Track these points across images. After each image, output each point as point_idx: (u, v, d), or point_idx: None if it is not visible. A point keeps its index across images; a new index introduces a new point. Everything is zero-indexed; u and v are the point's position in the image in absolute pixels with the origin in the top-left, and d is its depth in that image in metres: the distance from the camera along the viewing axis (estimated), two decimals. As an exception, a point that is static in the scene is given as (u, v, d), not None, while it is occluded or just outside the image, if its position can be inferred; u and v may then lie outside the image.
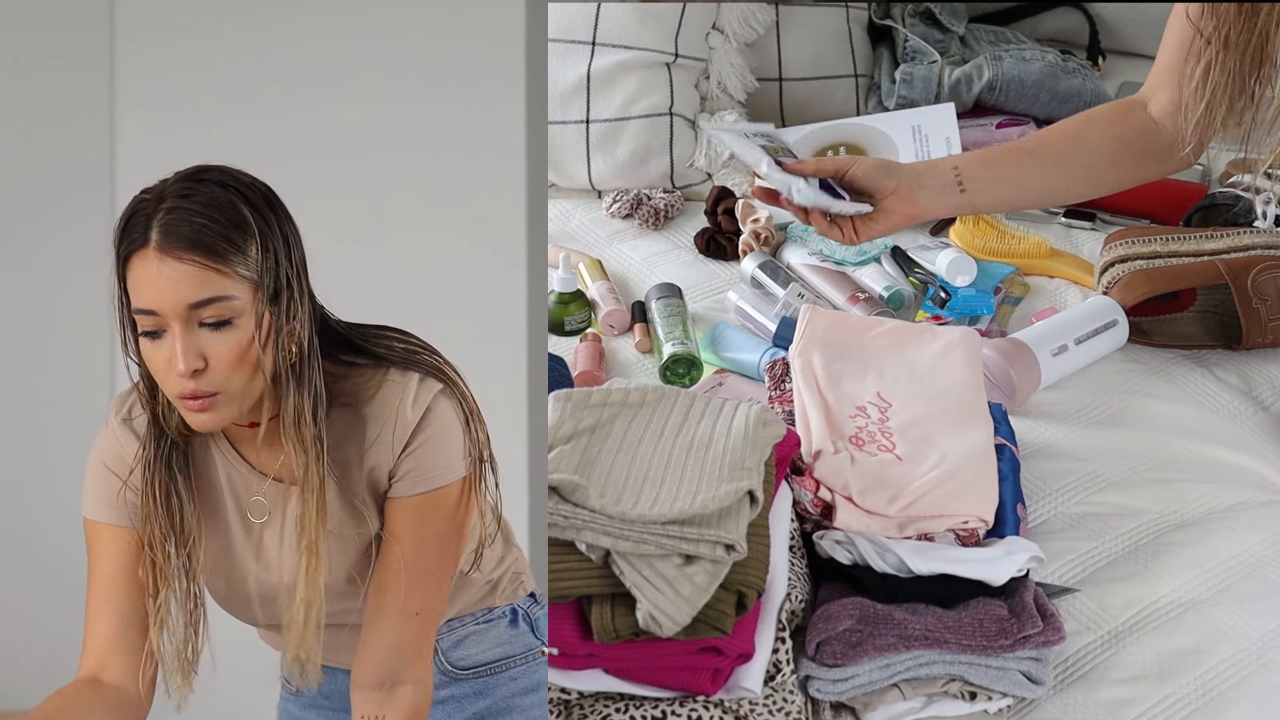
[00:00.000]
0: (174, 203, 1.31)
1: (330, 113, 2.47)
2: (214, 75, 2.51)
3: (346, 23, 2.52)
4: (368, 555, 1.43)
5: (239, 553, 1.45)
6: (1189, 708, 1.56)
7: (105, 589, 1.43)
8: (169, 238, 1.30)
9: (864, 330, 1.93)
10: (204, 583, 1.46)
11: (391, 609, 1.40)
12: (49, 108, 2.53)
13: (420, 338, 1.45)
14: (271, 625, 1.49)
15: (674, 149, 2.47)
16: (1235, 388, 2.02)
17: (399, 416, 1.39)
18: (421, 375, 1.40)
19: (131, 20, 2.53)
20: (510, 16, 2.50)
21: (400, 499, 1.41)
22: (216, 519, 1.45)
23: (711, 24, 2.51)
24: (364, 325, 1.44)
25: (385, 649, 1.40)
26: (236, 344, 1.32)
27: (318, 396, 1.37)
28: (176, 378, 1.32)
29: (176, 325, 1.31)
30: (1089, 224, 2.38)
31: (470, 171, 2.49)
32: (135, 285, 1.31)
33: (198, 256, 1.30)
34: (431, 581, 1.42)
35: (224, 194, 1.32)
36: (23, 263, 2.53)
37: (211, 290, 1.30)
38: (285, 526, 1.42)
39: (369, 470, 1.41)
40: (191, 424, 1.35)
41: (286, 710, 1.64)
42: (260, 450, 1.42)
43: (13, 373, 2.56)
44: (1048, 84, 2.54)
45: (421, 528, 1.41)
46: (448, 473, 1.41)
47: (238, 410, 1.36)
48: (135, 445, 1.42)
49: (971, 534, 1.67)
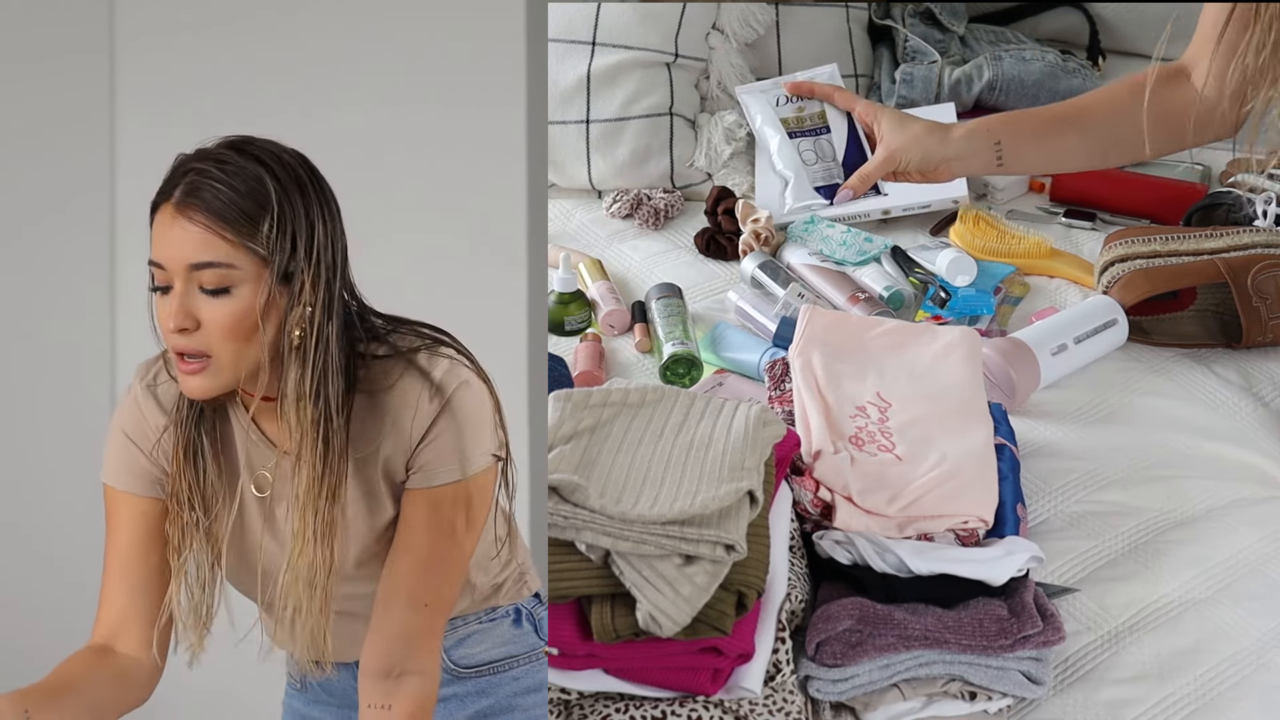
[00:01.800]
0: (206, 165, 1.33)
1: (330, 113, 2.47)
2: (214, 75, 2.51)
3: (346, 23, 2.52)
4: (381, 543, 1.43)
5: (251, 524, 1.46)
6: (1189, 708, 1.56)
7: (121, 558, 1.44)
8: (188, 197, 1.33)
9: (864, 330, 1.93)
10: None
11: (402, 599, 1.41)
12: (49, 108, 2.53)
13: (451, 334, 1.45)
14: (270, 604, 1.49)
15: (674, 149, 2.47)
16: (1235, 384, 2.02)
17: (419, 406, 1.39)
18: (445, 368, 1.40)
19: (131, 20, 2.53)
20: (510, 17, 2.50)
21: (417, 490, 1.41)
22: (234, 489, 1.45)
23: (711, 24, 2.51)
24: (397, 317, 1.45)
25: (393, 638, 1.41)
26: (231, 313, 1.33)
27: (324, 378, 1.37)
28: (169, 334, 1.34)
29: (178, 283, 1.33)
30: (1089, 224, 2.38)
31: (470, 171, 2.49)
32: (154, 238, 1.35)
33: (209, 221, 1.32)
34: (443, 574, 1.42)
35: (256, 168, 1.34)
36: (23, 262, 2.53)
37: (212, 254, 1.32)
38: (297, 509, 1.42)
39: (385, 458, 1.41)
40: (183, 388, 1.36)
41: (292, 707, 1.64)
42: (271, 422, 1.43)
43: (13, 373, 2.56)
44: (1048, 84, 2.54)
45: (437, 519, 1.41)
46: (465, 466, 1.41)
47: (230, 379, 1.36)
48: (157, 412, 1.43)
49: (971, 534, 1.67)
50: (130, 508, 1.44)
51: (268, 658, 1.51)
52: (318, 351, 1.37)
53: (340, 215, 1.40)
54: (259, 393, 1.40)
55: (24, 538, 2.62)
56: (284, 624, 1.44)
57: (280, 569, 1.44)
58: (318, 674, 1.50)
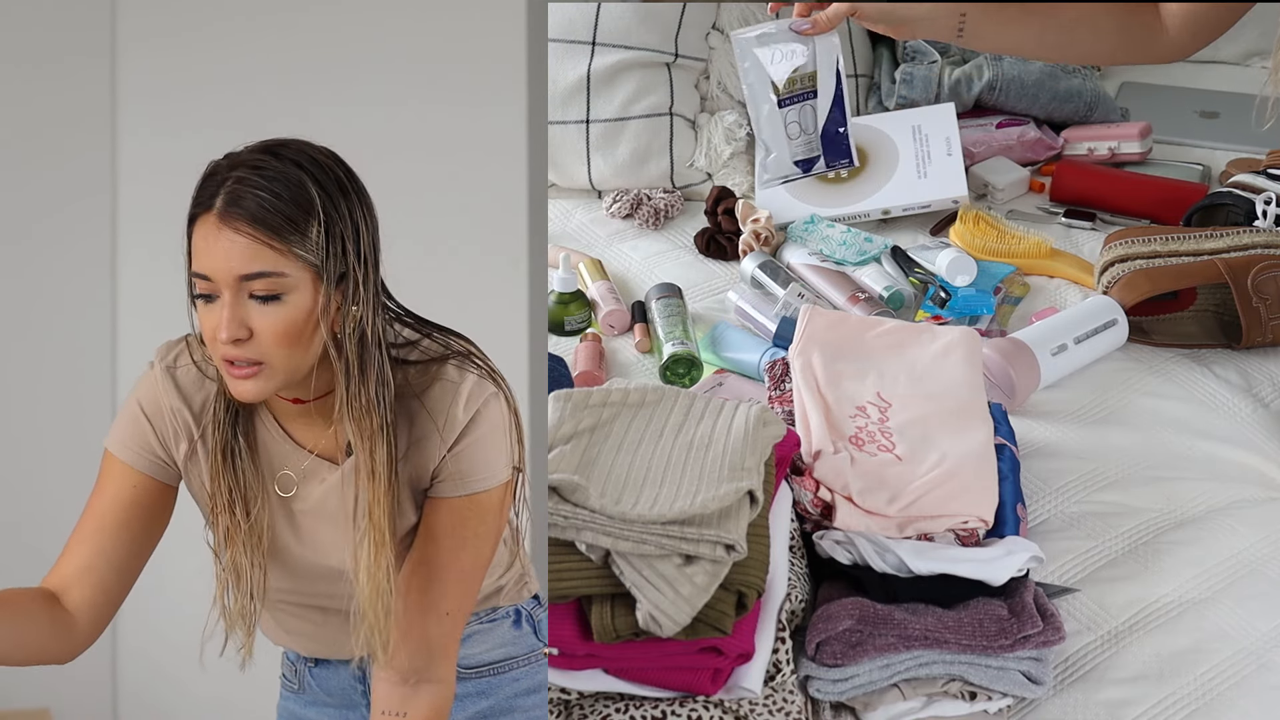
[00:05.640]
0: (244, 173, 1.31)
1: (330, 114, 2.47)
2: (215, 77, 2.51)
3: (346, 24, 2.52)
4: (400, 544, 1.43)
5: (279, 526, 1.45)
6: (1189, 708, 1.56)
7: (97, 519, 1.43)
8: (231, 208, 1.30)
9: (864, 330, 1.93)
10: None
11: (427, 607, 1.40)
12: (50, 110, 2.53)
13: (474, 342, 1.44)
14: (306, 604, 1.49)
15: (674, 149, 2.47)
16: (1235, 385, 2.02)
17: (450, 415, 1.39)
18: (477, 377, 1.40)
19: (133, 23, 2.53)
20: (511, 17, 2.49)
21: (442, 499, 1.41)
22: (269, 490, 1.45)
23: (711, 24, 2.51)
24: (424, 319, 1.44)
25: (415, 646, 1.40)
26: (285, 319, 1.32)
27: (383, 383, 1.36)
28: (220, 344, 1.33)
29: (227, 293, 1.32)
30: (1089, 224, 2.38)
31: (470, 171, 2.49)
32: (195, 249, 1.32)
33: (256, 231, 1.30)
34: (466, 582, 1.42)
35: (296, 172, 1.32)
36: (25, 265, 2.53)
37: (263, 265, 1.31)
38: (327, 504, 1.42)
39: (413, 465, 1.40)
40: (233, 391, 1.35)
41: (287, 709, 1.64)
42: (302, 425, 1.42)
43: (14, 374, 2.56)
44: (1048, 84, 2.54)
45: (462, 529, 1.41)
46: (491, 477, 1.40)
47: (282, 383, 1.35)
48: (174, 394, 1.42)
49: (971, 534, 1.67)
50: (124, 476, 1.43)
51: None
52: (373, 354, 1.36)
53: (375, 210, 1.39)
54: (292, 395, 1.40)
55: (24, 538, 2.62)
56: (350, 625, 1.42)
57: (318, 571, 1.44)
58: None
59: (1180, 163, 2.50)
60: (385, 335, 1.38)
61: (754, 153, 2.46)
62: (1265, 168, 2.27)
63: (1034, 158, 2.53)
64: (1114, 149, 2.50)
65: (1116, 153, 2.50)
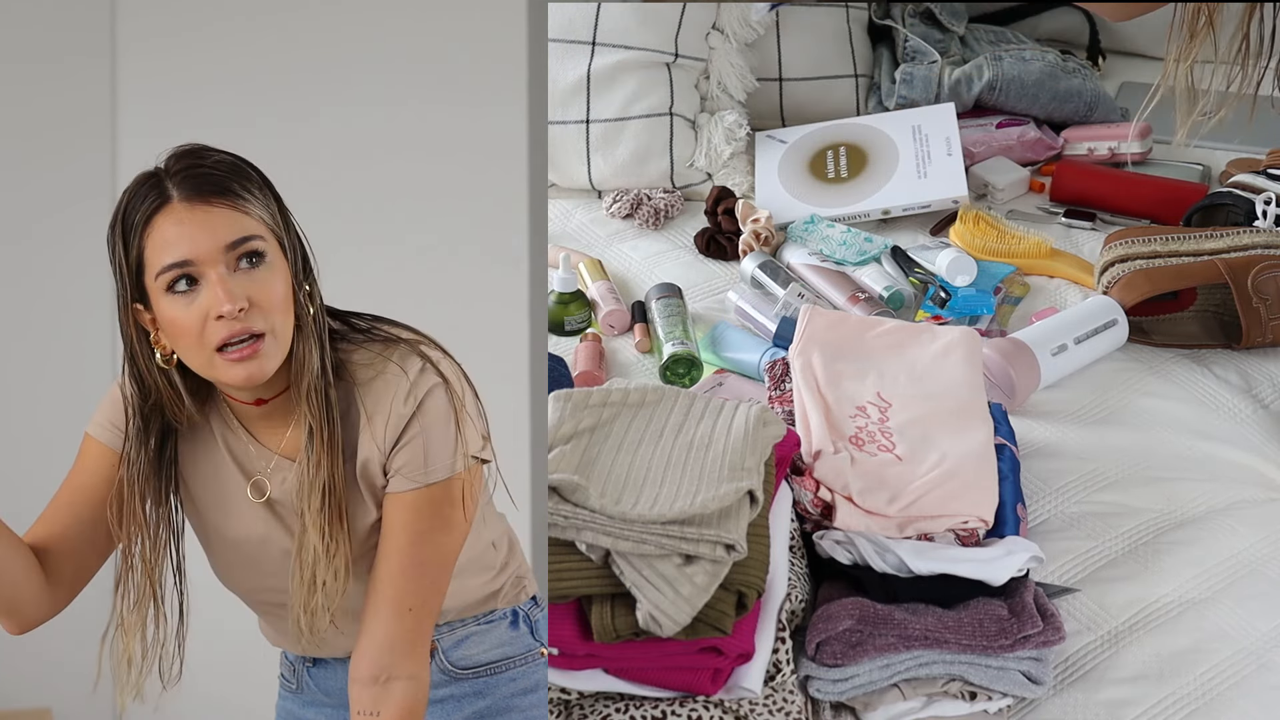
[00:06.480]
0: (184, 165, 1.35)
1: (330, 114, 2.47)
2: (215, 78, 2.51)
3: (346, 24, 2.52)
4: (367, 544, 1.43)
5: (256, 529, 1.45)
6: (1189, 708, 1.56)
7: (73, 493, 1.45)
8: (196, 189, 1.33)
9: (864, 330, 1.93)
10: (220, 571, 1.47)
11: (385, 604, 1.40)
12: (50, 111, 2.53)
13: (422, 330, 1.45)
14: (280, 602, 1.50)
15: (674, 149, 2.47)
16: (1235, 386, 2.02)
17: (393, 409, 1.39)
18: (419, 369, 1.40)
19: (133, 23, 2.53)
20: (511, 17, 2.49)
21: (396, 494, 1.41)
22: (227, 499, 1.45)
23: (711, 24, 2.51)
24: (362, 313, 1.45)
25: (379, 644, 1.40)
26: (277, 278, 1.35)
27: (323, 366, 1.38)
28: (218, 325, 1.33)
29: (212, 271, 1.33)
30: (1089, 224, 2.38)
31: (470, 172, 2.49)
32: (163, 242, 1.33)
33: (226, 200, 1.33)
34: (426, 577, 1.42)
35: (227, 158, 1.37)
36: (25, 265, 2.53)
37: (244, 229, 1.34)
38: (301, 499, 1.42)
39: (363, 460, 1.40)
40: (233, 378, 1.35)
41: (285, 708, 1.64)
42: (264, 428, 1.43)
43: (15, 374, 2.56)
44: (1048, 84, 2.54)
45: (416, 523, 1.41)
46: (440, 469, 1.40)
47: (280, 357, 1.36)
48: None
49: (971, 534, 1.67)
50: (101, 458, 1.45)
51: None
52: (325, 336, 1.38)
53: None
54: (254, 396, 1.40)
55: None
56: (311, 621, 1.43)
57: (294, 568, 1.44)
58: (309, 650, 1.48)
59: (1180, 163, 2.50)
60: (329, 326, 1.40)
61: (753, 153, 2.46)
62: (1265, 168, 2.27)
63: (1034, 158, 2.53)
64: (1114, 149, 2.50)
65: (1116, 153, 2.50)
